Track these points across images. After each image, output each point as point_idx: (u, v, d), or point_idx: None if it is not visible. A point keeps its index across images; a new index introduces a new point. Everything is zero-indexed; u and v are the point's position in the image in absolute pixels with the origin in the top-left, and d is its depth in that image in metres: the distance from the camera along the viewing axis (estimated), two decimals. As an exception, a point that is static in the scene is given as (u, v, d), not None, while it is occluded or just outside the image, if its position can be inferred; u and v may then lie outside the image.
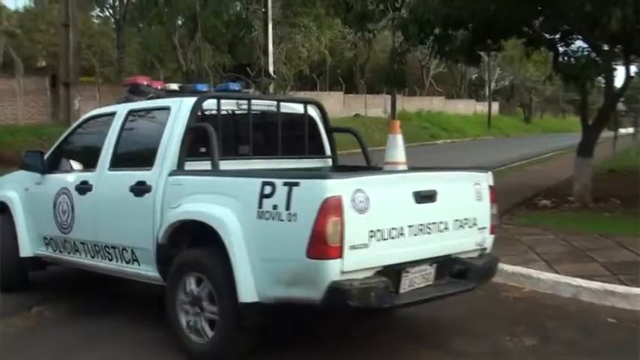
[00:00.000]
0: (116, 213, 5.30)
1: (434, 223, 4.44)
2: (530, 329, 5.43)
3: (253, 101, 5.44)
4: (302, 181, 3.98)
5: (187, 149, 4.88)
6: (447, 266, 4.64)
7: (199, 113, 5.01)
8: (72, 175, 5.86)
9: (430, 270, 4.50)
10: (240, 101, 5.37)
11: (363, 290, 3.90)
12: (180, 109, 5.02)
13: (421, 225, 4.35)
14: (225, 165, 4.87)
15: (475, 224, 4.81)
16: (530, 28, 11.79)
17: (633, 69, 13.47)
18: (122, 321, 5.60)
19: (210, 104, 5.13)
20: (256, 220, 4.11)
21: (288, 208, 3.95)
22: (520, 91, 62.26)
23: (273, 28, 25.63)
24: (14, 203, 6.43)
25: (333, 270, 3.84)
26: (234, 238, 4.18)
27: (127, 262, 5.21)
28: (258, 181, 4.15)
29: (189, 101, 5.03)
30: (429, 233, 4.39)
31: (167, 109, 5.14)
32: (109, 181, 5.44)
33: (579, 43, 11.13)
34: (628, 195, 11.64)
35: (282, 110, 5.64)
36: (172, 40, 24.04)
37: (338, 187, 3.89)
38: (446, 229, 4.52)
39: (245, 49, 35.61)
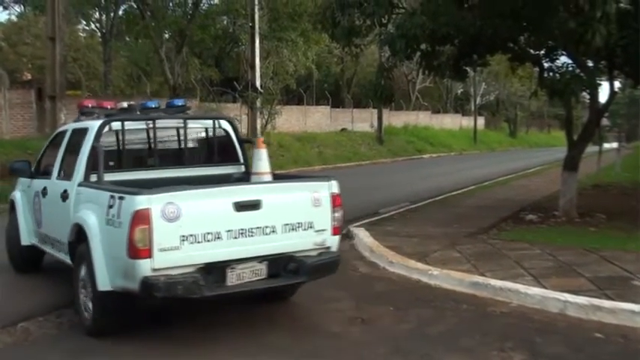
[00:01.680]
0: (56, 214, 6.51)
1: (258, 228, 5.34)
2: (518, 344, 5.43)
3: (167, 119, 6.66)
4: (126, 196, 5.01)
5: (93, 164, 5.95)
6: (281, 263, 5.52)
7: (111, 131, 6.26)
8: (40, 181, 7.19)
9: (260, 266, 5.41)
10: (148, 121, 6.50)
11: (169, 284, 4.91)
12: (92, 130, 6.15)
13: (242, 229, 5.25)
14: (134, 175, 6.30)
15: (311, 227, 5.68)
16: (515, 43, 11.87)
17: (617, 84, 13.60)
18: (112, 338, 5.60)
19: (130, 124, 6.36)
20: (105, 226, 5.22)
21: (119, 217, 5.03)
22: (505, 106, 62.59)
23: (260, 43, 25.65)
24: (16, 201, 7.88)
25: (145, 267, 4.89)
26: (94, 239, 5.30)
27: (64, 253, 6.27)
28: (107, 194, 5.23)
29: (97, 124, 6.17)
30: (252, 236, 5.31)
31: (86, 129, 6.28)
32: (54, 188, 6.63)
33: (564, 59, 11.23)
34: (613, 210, 11.73)
35: (195, 126, 6.88)
36: (159, 53, 23.97)
37: (147, 201, 4.89)
38: (273, 232, 5.43)
39: (232, 63, 35.66)
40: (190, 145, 6.80)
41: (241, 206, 5.29)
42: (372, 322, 6.16)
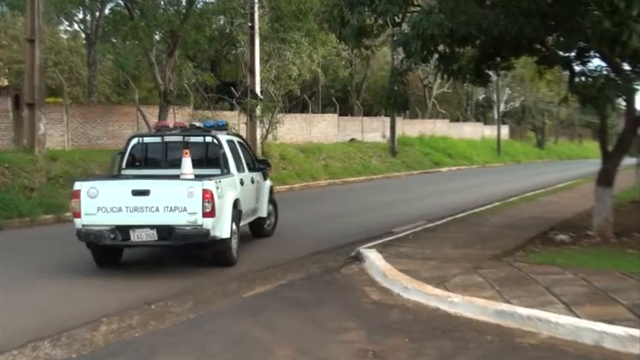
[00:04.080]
0: None
1: (147, 207, 9.56)
2: (548, 381, 5.38)
3: (175, 134, 11.46)
4: (76, 182, 9.89)
5: (125, 163, 11.32)
6: (166, 230, 9.59)
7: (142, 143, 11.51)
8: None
9: (152, 231, 9.61)
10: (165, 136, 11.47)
11: (85, 234, 9.62)
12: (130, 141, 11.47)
13: (136, 207, 9.55)
14: (150, 172, 11.08)
15: (185, 210, 9.56)
16: (542, 45, 11.86)
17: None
18: None
19: (150, 138, 11.67)
20: None
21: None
22: (532, 114, 62.56)
23: (260, 44, 25.75)
24: None
25: (78, 223, 9.63)
26: None
27: None
28: (89, 183, 9.95)
29: (133, 138, 11.54)
30: (143, 212, 9.55)
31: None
32: None
33: (597, 62, 11.20)
34: (653, 229, 11.68)
35: (193, 140, 11.26)
36: (149, 56, 24.06)
37: (79, 185, 9.68)
38: (157, 210, 9.55)
39: (229, 67, 35.79)
40: (193, 152, 10.78)
41: (136, 192, 9.63)
42: (384, 355, 6.11)
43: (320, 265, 10.38)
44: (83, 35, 33.50)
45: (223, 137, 11.38)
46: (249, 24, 25.21)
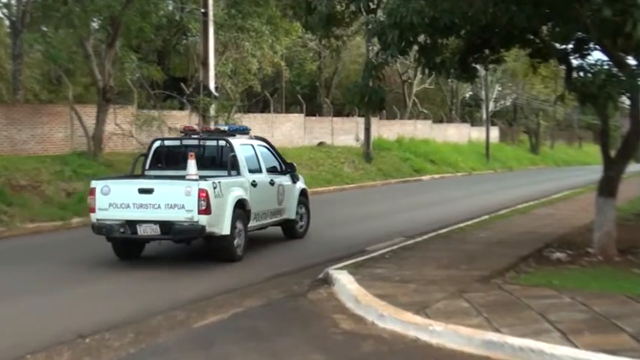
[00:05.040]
0: None
1: (151, 204, 11.91)
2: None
3: (192, 138, 14.12)
4: (92, 181, 12.85)
5: (149, 164, 13.92)
6: (167, 226, 11.87)
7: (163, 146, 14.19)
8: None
9: (155, 226, 11.93)
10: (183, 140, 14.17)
11: (98, 227, 12.28)
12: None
13: (142, 204, 11.95)
14: (170, 172, 13.31)
15: (183, 207, 11.85)
16: (536, 35, 11.95)
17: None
18: None
19: (170, 142, 14.63)
20: None
21: None
22: (525, 114, 63.33)
23: (215, 33, 25.60)
24: None
25: (93, 217, 12.35)
26: None
27: None
28: (103, 182, 12.68)
29: (156, 141, 14.37)
30: (147, 208, 11.93)
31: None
32: None
33: (597, 55, 11.31)
34: (663, 245, 11.79)
35: (209, 143, 14.00)
36: (85, 47, 23.76)
37: (95, 183, 12.44)
38: (159, 207, 11.89)
39: (179, 60, 35.54)
40: (205, 155, 13.80)
41: (142, 190, 12.11)
42: (356, 394, 6.06)
43: (282, 289, 10.31)
44: (7, 23, 33.05)
45: (237, 141, 13.86)
46: (202, 10, 25.07)
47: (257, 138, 15.30)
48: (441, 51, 11.96)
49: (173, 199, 11.94)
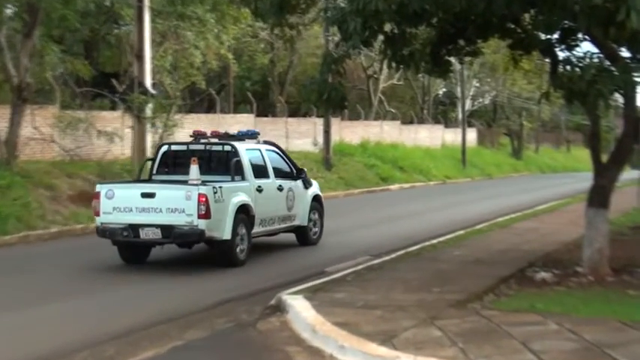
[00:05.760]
0: None
1: (152, 208, 13.76)
2: None
3: (199, 143, 16.00)
4: (97, 185, 15.09)
5: (156, 169, 15.76)
6: (168, 229, 13.58)
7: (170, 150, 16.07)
8: None
9: (157, 230, 13.68)
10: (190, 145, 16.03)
11: (102, 230, 14.15)
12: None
13: (144, 207, 13.82)
14: (176, 177, 15.01)
15: (184, 211, 13.47)
16: (517, 24, 11.99)
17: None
18: None
19: (177, 146, 16.56)
20: None
21: None
22: (506, 113, 63.91)
23: (151, 21, 25.41)
24: None
25: (98, 221, 14.28)
26: None
27: None
28: (107, 186, 14.74)
29: (163, 146, 16.46)
30: (149, 212, 13.76)
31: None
32: None
33: (587, 47, 11.38)
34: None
35: (215, 148, 15.59)
36: (-2, 38, 23.47)
37: (100, 187, 14.45)
38: (161, 211, 13.69)
39: (110, 52, 35.27)
40: (209, 160, 15.37)
41: (144, 195, 13.81)
42: None
43: (229, 318, 10.25)
44: None
45: (242, 145, 15.56)
46: (137, -6, 24.87)
47: (266, 142, 17.22)
48: (410, 42, 11.97)
49: (174, 203, 13.64)
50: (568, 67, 10.89)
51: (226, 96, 41.42)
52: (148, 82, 24.93)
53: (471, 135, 57.97)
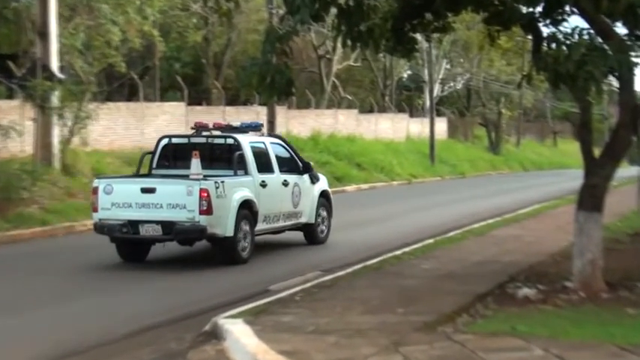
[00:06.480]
0: None
1: (153, 204, 15.47)
2: None
3: (201, 136, 17.89)
4: (95, 179, 17.43)
5: (156, 163, 17.51)
6: (169, 226, 15.30)
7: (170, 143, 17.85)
8: None
9: (157, 227, 15.42)
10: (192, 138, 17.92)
11: (100, 227, 15.96)
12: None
13: (144, 203, 15.53)
14: (177, 171, 16.73)
15: (185, 207, 15.21)
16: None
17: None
18: None
19: (178, 139, 18.37)
20: None
21: None
22: (482, 100, 64.28)
23: (58, -8, 25.22)
24: None
25: (96, 217, 16.12)
26: None
27: None
28: (106, 180, 16.66)
29: (163, 139, 17.95)
30: (149, 208, 15.48)
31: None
32: None
33: (576, 21, 11.44)
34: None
35: (217, 141, 17.45)
36: None
37: (97, 182, 16.26)
38: (161, 207, 15.40)
39: (7, 30, 34.83)
40: (210, 154, 17.06)
41: (144, 190, 15.50)
42: None
43: (155, 347, 10.24)
44: None
45: (245, 138, 17.21)
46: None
47: (272, 135, 19.95)
48: (369, 15, 11.93)
49: (175, 198, 15.28)
50: (553, 45, 10.94)
51: (151, 81, 41.24)
52: (54, 64, 24.76)
53: (441, 126, 58.30)
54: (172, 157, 17.46)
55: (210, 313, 11.28)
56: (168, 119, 35.99)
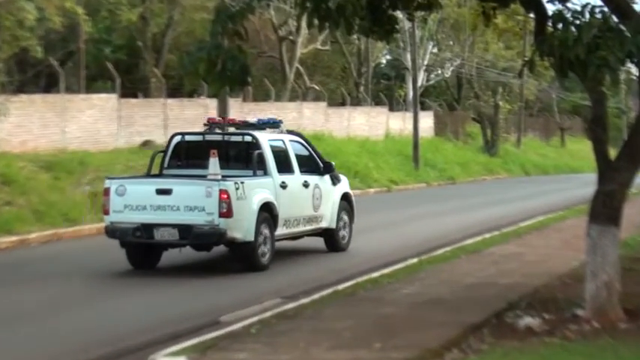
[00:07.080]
0: None
1: (169, 206, 17.33)
2: None
3: (215, 133, 19.96)
4: (106, 180, 19.04)
5: (167, 162, 19.55)
6: (186, 230, 17.17)
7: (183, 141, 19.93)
8: None
9: (173, 231, 17.27)
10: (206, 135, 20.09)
11: (112, 230, 17.84)
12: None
13: (159, 205, 17.37)
14: (191, 171, 18.83)
15: (204, 210, 17.00)
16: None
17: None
18: None
19: (191, 137, 20.47)
20: None
21: None
22: (475, 91, 64.45)
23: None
24: None
25: (107, 220, 18.03)
26: None
27: None
28: (118, 181, 18.76)
29: (176, 136, 20.13)
30: (165, 210, 17.34)
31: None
32: None
33: (586, -2, 11.47)
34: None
35: (233, 139, 19.56)
36: None
37: (109, 182, 18.15)
38: (178, 209, 17.25)
39: None
40: (226, 153, 18.73)
41: (160, 191, 17.30)
42: None
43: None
44: None
45: (264, 136, 18.87)
46: None
47: (290, 132, 20.86)
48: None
49: (193, 200, 16.88)
50: (560, 26, 10.97)
51: (75, 68, 41.08)
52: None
53: (426, 121, 58.45)
54: (185, 156, 19.03)
55: (148, 349, 11.31)
56: (96, 114, 35.85)
